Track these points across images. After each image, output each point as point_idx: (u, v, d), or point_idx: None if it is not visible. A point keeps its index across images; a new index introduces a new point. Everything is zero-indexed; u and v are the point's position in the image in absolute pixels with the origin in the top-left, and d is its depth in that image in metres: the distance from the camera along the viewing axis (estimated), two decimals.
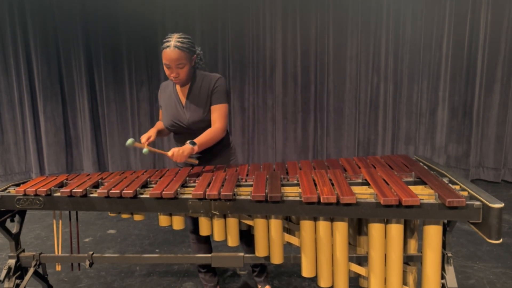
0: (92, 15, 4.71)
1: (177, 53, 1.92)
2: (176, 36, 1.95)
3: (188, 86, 2.10)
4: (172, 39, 1.93)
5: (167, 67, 1.97)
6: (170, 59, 1.93)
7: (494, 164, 4.64)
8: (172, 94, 2.14)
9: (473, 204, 1.48)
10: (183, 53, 1.93)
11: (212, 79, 2.08)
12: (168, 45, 1.92)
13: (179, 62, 1.94)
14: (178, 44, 1.92)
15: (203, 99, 2.07)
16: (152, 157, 5.08)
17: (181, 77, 2.00)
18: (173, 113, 2.11)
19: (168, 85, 2.19)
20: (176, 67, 1.96)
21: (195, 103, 2.07)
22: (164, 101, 2.17)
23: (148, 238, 3.30)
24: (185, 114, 2.09)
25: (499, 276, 2.57)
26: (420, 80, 4.69)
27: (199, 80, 2.09)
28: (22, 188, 1.84)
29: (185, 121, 2.08)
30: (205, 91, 2.07)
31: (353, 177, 1.81)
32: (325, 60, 4.74)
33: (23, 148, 4.91)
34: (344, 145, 4.90)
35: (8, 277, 1.97)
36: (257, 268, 2.39)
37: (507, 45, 4.40)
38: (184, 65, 1.96)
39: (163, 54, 1.95)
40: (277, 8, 4.66)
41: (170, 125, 2.13)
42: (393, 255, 1.60)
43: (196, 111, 2.07)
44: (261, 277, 2.40)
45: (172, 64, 1.94)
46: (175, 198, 1.71)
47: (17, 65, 4.69)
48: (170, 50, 1.91)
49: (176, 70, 1.97)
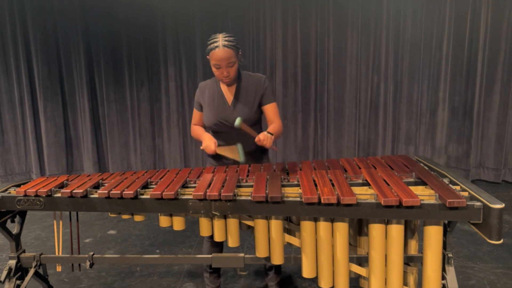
0: (92, 15, 4.71)
1: (227, 51, 1.93)
2: (221, 35, 1.96)
3: (234, 86, 2.11)
4: (219, 39, 1.94)
5: (217, 68, 1.98)
6: (220, 59, 1.94)
7: (495, 165, 4.63)
8: (216, 93, 2.14)
9: (474, 205, 1.48)
10: (232, 51, 1.95)
11: (259, 79, 2.10)
12: (217, 45, 1.93)
13: (229, 60, 1.96)
14: (226, 42, 1.93)
15: (251, 99, 2.09)
16: (152, 157, 5.08)
17: (232, 76, 2.02)
18: (219, 112, 2.10)
19: (209, 85, 2.19)
20: (227, 66, 1.97)
21: (242, 103, 2.09)
22: (206, 101, 2.16)
23: (148, 239, 3.30)
24: (231, 114, 2.09)
25: (499, 277, 2.57)
26: (420, 80, 4.69)
27: (245, 80, 2.11)
28: (23, 189, 1.84)
29: (232, 120, 2.07)
30: (253, 91, 2.08)
31: (353, 177, 1.81)
32: (325, 60, 4.74)
33: (24, 148, 4.91)
34: (345, 145, 4.90)
35: (8, 277, 1.97)
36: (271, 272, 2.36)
37: (507, 45, 4.40)
38: (233, 63, 1.99)
39: (211, 55, 1.96)
40: (277, 8, 4.66)
41: (214, 124, 2.12)
42: (393, 255, 1.60)
43: (243, 110, 2.08)
44: (275, 280, 2.37)
45: (223, 63, 1.95)
46: (176, 198, 1.71)
47: (17, 65, 4.69)
48: (220, 50, 1.93)
49: (227, 69, 1.98)
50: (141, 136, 5.01)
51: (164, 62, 4.85)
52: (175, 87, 4.87)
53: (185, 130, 4.99)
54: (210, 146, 2.03)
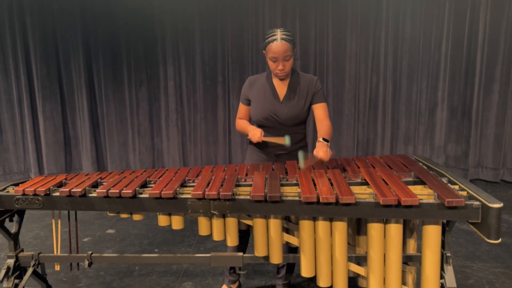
0: (91, 15, 4.70)
1: (285, 45, 1.97)
2: (279, 30, 2.00)
3: (287, 81, 2.13)
4: (277, 33, 1.99)
5: (274, 61, 2.01)
6: (278, 52, 1.97)
7: (493, 164, 4.64)
8: (267, 88, 2.15)
9: (472, 204, 1.48)
10: (289, 45, 1.99)
11: (312, 79, 2.15)
12: (275, 38, 1.97)
13: (286, 54, 1.99)
14: (284, 36, 1.97)
15: (302, 97, 2.12)
16: (150, 156, 5.08)
17: (287, 69, 2.05)
18: (269, 107, 2.12)
19: (259, 79, 2.20)
20: (283, 59, 2.00)
21: (293, 99, 2.12)
22: (256, 94, 2.17)
23: (147, 238, 3.30)
24: (282, 109, 2.11)
25: (498, 276, 2.57)
26: (419, 80, 4.69)
27: (298, 77, 2.14)
28: (21, 188, 1.84)
29: (282, 115, 2.11)
30: (305, 90, 2.12)
31: (352, 177, 1.82)
32: (324, 60, 4.74)
33: (22, 147, 4.90)
34: (343, 144, 4.90)
35: (7, 277, 1.97)
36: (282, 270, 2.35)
37: (506, 45, 4.40)
38: (290, 57, 2.02)
39: (269, 48, 1.99)
40: (277, 8, 4.66)
41: (264, 118, 2.13)
42: (392, 255, 1.60)
43: (295, 107, 2.11)
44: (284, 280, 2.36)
45: (280, 56, 1.99)
46: (174, 198, 1.71)
47: (16, 65, 4.68)
48: (278, 43, 1.96)
49: (283, 63, 2.01)
50: (140, 136, 5.01)
51: (163, 61, 4.84)
52: (174, 86, 4.87)
53: (184, 129, 4.99)
54: (256, 134, 2.04)
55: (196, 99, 4.89)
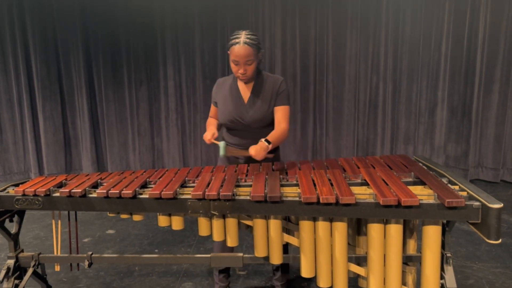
0: (91, 15, 4.70)
1: (247, 49, 1.94)
2: (244, 33, 1.97)
3: (251, 84, 2.11)
4: (241, 36, 1.96)
5: (235, 64, 1.99)
6: (239, 55, 1.95)
7: (493, 164, 4.64)
8: (232, 91, 2.14)
9: (472, 204, 1.48)
10: (252, 49, 1.96)
11: (277, 80, 2.10)
12: (238, 41, 1.95)
13: (248, 58, 1.96)
14: (248, 40, 1.95)
15: (266, 99, 2.09)
16: (151, 156, 5.08)
17: (248, 74, 2.02)
18: (234, 110, 2.11)
19: (226, 81, 2.19)
20: (245, 64, 1.98)
21: (258, 101, 2.09)
22: (222, 97, 2.16)
23: (147, 238, 3.30)
24: (247, 111, 2.10)
25: (498, 276, 2.57)
26: (419, 80, 4.69)
27: (263, 79, 2.11)
28: (21, 188, 1.83)
29: (246, 118, 2.09)
30: (270, 91, 2.09)
31: (352, 177, 1.81)
32: (324, 60, 4.74)
33: (22, 147, 4.90)
34: (343, 145, 4.90)
35: (7, 277, 1.97)
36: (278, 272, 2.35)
37: (506, 45, 4.40)
38: (252, 62, 1.99)
39: (231, 51, 1.97)
40: (276, 8, 4.66)
41: (229, 121, 2.13)
42: (392, 255, 1.60)
43: (259, 109, 2.09)
44: (281, 281, 2.36)
45: (241, 60, 1.96)
46: (174, 198, 1.71)
47: (16, 65, 4.68)
48: (240, 47, 1.94)
49: (244, 67, 1.99)
50: (140, 136, 5.01)
51: (163, 61, 4.84)
52: (174, 86, 4.87)
53: (184, 129, 4.99)
54: (206, 136, 2.06)
55: (196, 99, 4.89)
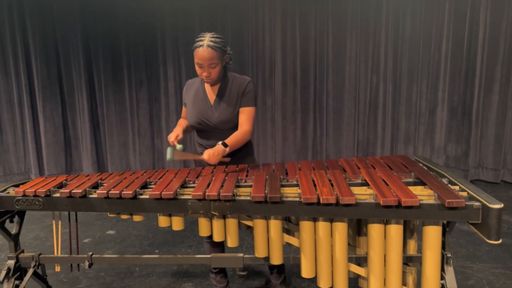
0: (91, 15, 4.70)
1: (210, 52, 1.92)
2: (209, 35, 1.95)
3: (218, 86, 2.11)
4: (205, 39, 1.93)
5: (199, 66, 1.98)
6: (202, 58, 1.93)
7: (493, 165, 4.64)
8: (200, 92, 2.14)
9: (473, 205, 1.48)
10: (215, 53, 1.94)
11: (243, 81, 2.09)
12: (201, 44, 1.92)
13: (211, 61, 1.95)
14: (211, 43, 1.92)
15: (232, 100, 2.08)
16: (151, 157, 5.08)
17: (213, 77, 2.01)
18: (201, 111, 2.11)
19: (195, 83, 2.19)
20: (208, 67, 1.96)
21: (224, 103, 2.08)
22: (190, 99, 2.17)
23: (147, 239, 3.29)
24: (213, 113, 2.10)
25: (498, 277, 2.57)
26: (419, 80, 4.69)
27: (229, 81, 2.10)
28: (22, 189, 1.84)
29: (213, 120, 2.09)
30: (235, 93, 2.08)
31: (352, 177, 1.81)
32: (325, 60, 4.74)
33: (22, 148, 4.90)
34: (344, 145, 4.90)
35: (7, 278, 1.97)
36: (274, 270, 2.35)
37: (506, 45, 4.40)
38: (216, 65, 1.97)
39: (195, 53, 1.95)
40: (277, 8, 4.66)
41: (197, 122, 2.14)
42: (392, 255, 1.60)
43: (225, 111, 2.08)
44: (278, 279, 2.36)
45: (205, 63, 1.95)
46: (175, 198, 1.71)
47: (16, 65, 4.68)
48: (203, 50, 1.92)
49: (208, 70, 1.98)
50: (140, 136, 5.01)
51: (163, 62, 4.84)
52: (174, 87, 4.87)
53: None
54: (170, 137, 2.07)
55: None
